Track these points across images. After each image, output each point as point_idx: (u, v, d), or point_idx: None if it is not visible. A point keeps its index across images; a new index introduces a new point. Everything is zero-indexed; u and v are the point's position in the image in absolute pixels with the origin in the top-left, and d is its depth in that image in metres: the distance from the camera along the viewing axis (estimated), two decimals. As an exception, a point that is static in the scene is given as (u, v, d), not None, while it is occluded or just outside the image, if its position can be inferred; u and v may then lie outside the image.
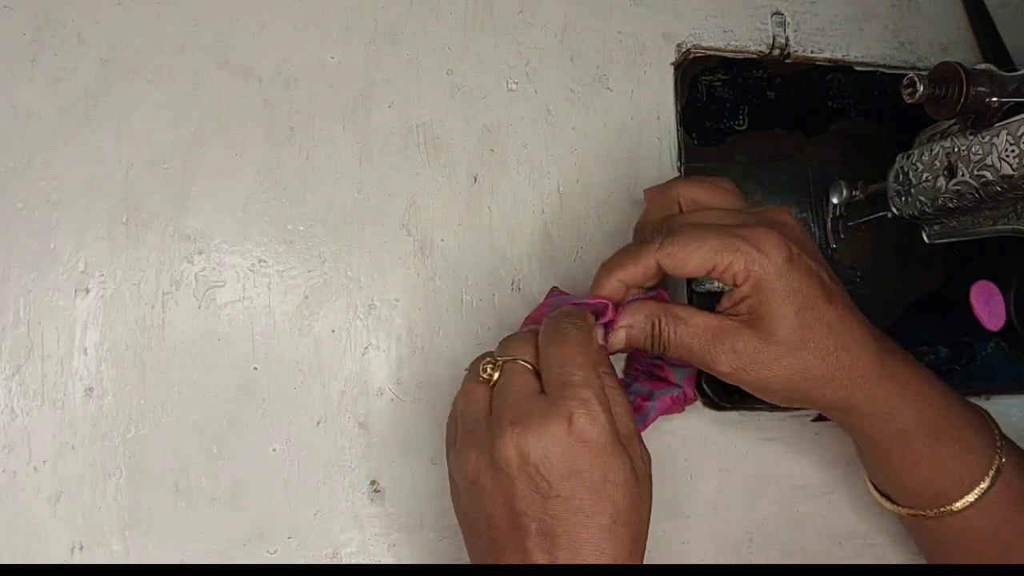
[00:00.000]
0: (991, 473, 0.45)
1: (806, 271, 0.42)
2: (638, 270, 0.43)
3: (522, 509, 0.38)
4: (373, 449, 0.49)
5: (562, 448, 0.37)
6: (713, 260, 0.42)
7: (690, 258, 0.42)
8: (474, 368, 0.42)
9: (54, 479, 0.44)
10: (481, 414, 0.40)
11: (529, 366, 0.41)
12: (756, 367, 0.42)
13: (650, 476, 0.41)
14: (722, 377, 0.43)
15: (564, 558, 0.37)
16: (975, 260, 0.59)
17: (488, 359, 0.41)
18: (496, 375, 0.41)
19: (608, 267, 0.44)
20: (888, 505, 0.49)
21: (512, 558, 0.38)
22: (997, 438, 0.46)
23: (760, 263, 0.41)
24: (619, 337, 0.44)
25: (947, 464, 0.45)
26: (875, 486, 0.50)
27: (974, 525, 0.46)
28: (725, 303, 0.44)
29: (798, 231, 0.44)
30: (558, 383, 0.39)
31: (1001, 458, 0.46)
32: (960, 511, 0.45)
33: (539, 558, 0.37)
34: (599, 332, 0.44)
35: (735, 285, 0.42)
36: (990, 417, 0.48)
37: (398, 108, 0.51)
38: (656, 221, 0.46)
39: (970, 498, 0.45)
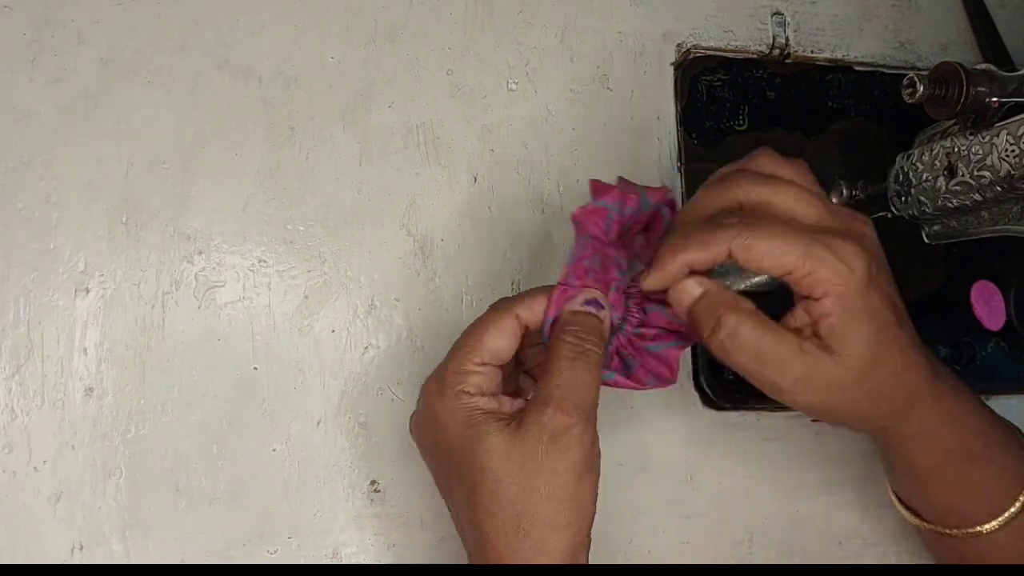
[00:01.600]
0: (1022, 498, 0.44)
1: (883, 289, 0.40)
2: (708, 255, 0.39)
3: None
4: (373, 449, 0.49)
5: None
6: (794, 264, 0.38)
7: (770, 254, 0.38)
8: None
9: (54, 479, 0.44)
10: None
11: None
12: (825, 391, 0.40)
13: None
14: (780, 397, 0.40)
15: None
16: (975, 260, 0.59)
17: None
18: None
19: (673, 247, 0.40)
20: (911, 518, 0.48)
21: None
22: None
23: (844, 277, 0.38)
24: (690, 291, 0.40)
25: (979, 488, 0.44)
26: (899, 497, 0.49)
27: (1000, 544, 0.45)
28: (801, 316, 0.40)
29: (875, 245, 0.41)
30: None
31: None
32: (988, 534, 0.44)
33: None
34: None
35: (808, 297, 0.39)
36: (1021, 433, 0.47)
37: (398, 108, 0.51)
38: (729, 207, 0.41)
39: (996, 523, 0.44)
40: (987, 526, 0.44)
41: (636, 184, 0.44)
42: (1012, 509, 0.44)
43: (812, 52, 0.59)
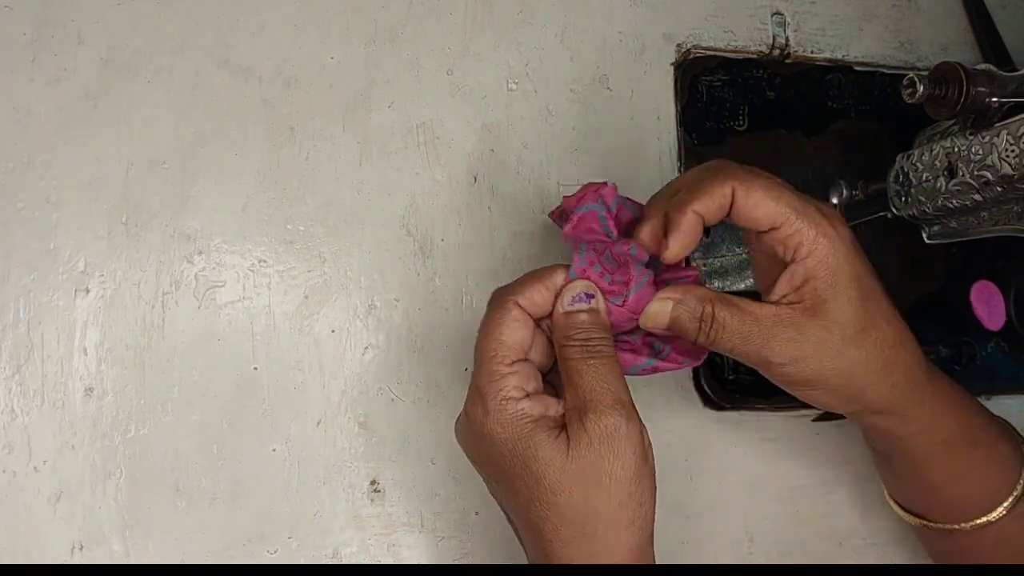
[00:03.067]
0: (1022, 480, 0.44)
1: (865, 259, 0.41)
2: (714, 202, 0.40)
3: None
4: (373, 449, 0.49)
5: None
6: (786, 216, 0.39)
7: (765, 204, 0.39)
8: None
9: (54, 479, 0.44)
10: None
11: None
12: (816, 359, 0.40)
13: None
14: (773, 374, 0.41)
15: None
16: (975, 260, 0.59)
17: None
18: None
19: (681, 203, 0.40)
20: (914, 520, 0.48)
21: None
22: (1022, 444, 0.46)
23: (831, 237, 0.39)
24: (661, 310, 0.41)
25: (980, 475, 0.45)
26: (897, 502, 0.49)
27: (1008, 533, 0.45)
28: (783, 287, 0.41)
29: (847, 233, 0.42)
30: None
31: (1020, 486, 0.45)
32: (996, 521, 0.44)
33: None
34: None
35: (793, 261, 0.40)
36: (1011, 425, 0.47)
37: (398, 108, 0.51)
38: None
39: (1003, 509, 0.44)
40: (994, 514, 0.44)
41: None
42: (1016, 492, 0.44)
43: (812, 52, 0.59)
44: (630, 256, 0.41)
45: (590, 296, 0.41)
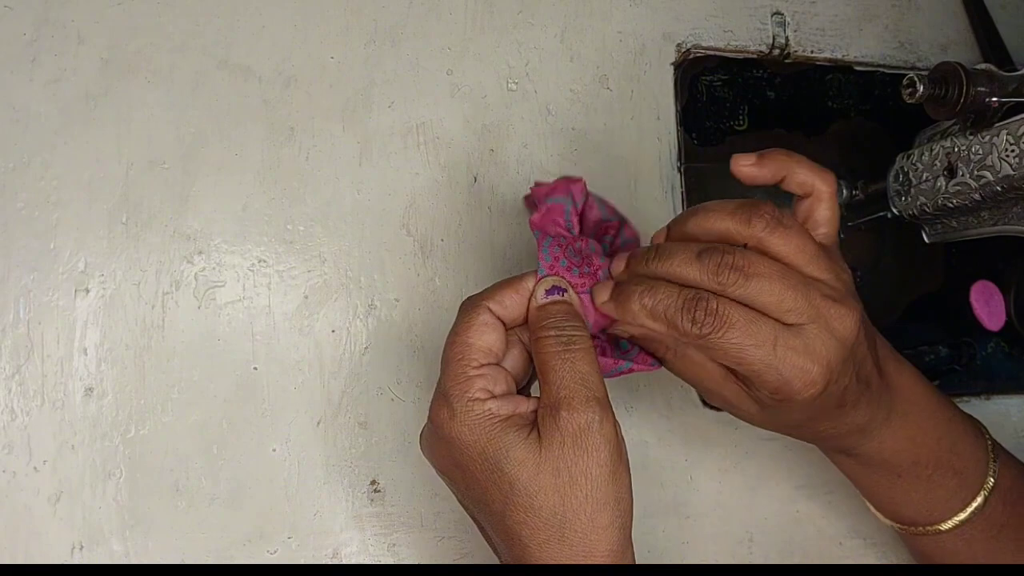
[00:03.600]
0: (973, 505, 0.45)
1: (846, 375, 0.40)
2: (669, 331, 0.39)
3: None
4: (373, 449, 0.49)
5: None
6: (752, 370, 0.38)
7: (726, 349, 0.38)
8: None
9: (54, 479, 0.44)
10: None
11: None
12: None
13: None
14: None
15: None
16: (975, 260, 0.59)
17: None
18: None
19: (650, 292, 0.39)
20: (883, 519, 0.49)
21: None
22: (991, 461, 0.46)
23: (794, 394, 0.38)
24: (630, 311, 0.39)
25: (939, 493, 0.45)
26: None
27: (947, 548, 0.46)
28: None
29: (851, 336, 0.39)
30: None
31: (989, 484, 0.45)
32: (945, 531, 0.45)
33: None
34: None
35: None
36: (985, 429, 0.47)
37: (398, 108, 0.51)
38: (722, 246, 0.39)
39: (945, 526, 0.45)
40: (945, 525, 0.45)
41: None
42: (959, 516, 0.45)
43: (812, 52, 0.59)
44: (593, 252, 0.41)
45: (562, 291, 0.40)
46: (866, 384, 0.41)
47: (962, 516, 0.45)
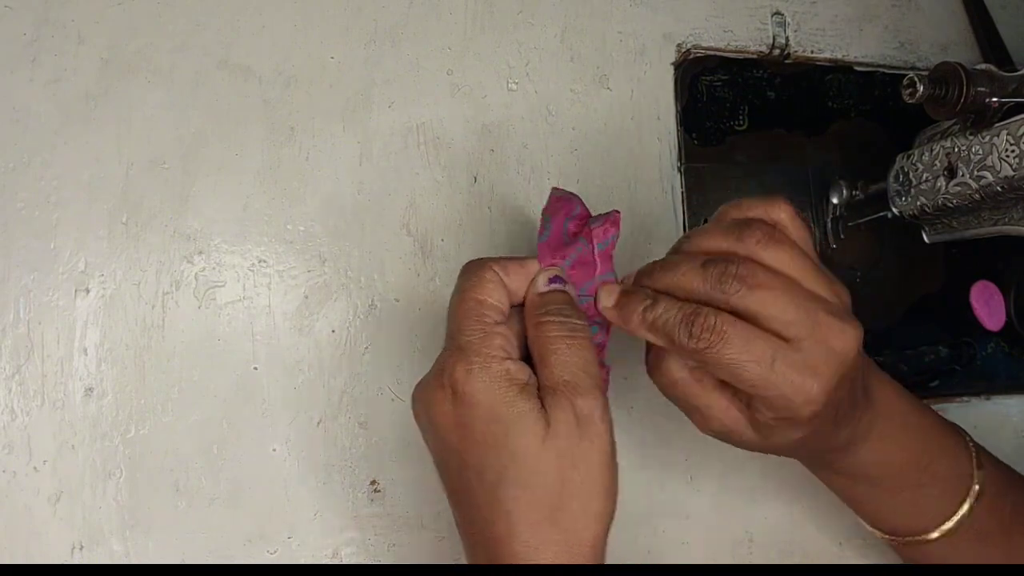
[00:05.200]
0: (959, 514, 0.45)
1: (843, 392, 0.39)
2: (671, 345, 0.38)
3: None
4: (373, 449, 0.49)
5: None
6: (751, 387, 0.37)
7: (723, 364, 0.37)
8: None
9: (54, 479, 0.44)
10: None
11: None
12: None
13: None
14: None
15: None
16: (975, 260, 0.59)
17: None
18: None
19: (649, 308, 0.39)
20: (871, 530, 0.49)
21: None
22: (975, 468, 0.46)
23: (795, 412, 0.38)
24: (631, 321, 0.39)
25: (924, 503, 0.45)
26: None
27: (935, 557, 0.46)
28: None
29: (851, 354, 0.38)
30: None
31: (974, 491, 0.45)
32: (932, 541, 0.45)
33: None
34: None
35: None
36: (968, 436, 0.47)
37: (398, 108, 0.51)
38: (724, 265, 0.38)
39: (932, 535, 0.45)
40: (932, 534, 0.45)
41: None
42: (945, 525, 0.45)
43: (812, 52, 0.59)
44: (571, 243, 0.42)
45: (564, 281, 0.40)
46: (854, 401, 0.41)
47: (949, 525, 0.45)
